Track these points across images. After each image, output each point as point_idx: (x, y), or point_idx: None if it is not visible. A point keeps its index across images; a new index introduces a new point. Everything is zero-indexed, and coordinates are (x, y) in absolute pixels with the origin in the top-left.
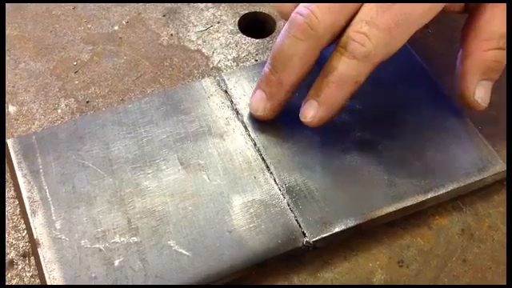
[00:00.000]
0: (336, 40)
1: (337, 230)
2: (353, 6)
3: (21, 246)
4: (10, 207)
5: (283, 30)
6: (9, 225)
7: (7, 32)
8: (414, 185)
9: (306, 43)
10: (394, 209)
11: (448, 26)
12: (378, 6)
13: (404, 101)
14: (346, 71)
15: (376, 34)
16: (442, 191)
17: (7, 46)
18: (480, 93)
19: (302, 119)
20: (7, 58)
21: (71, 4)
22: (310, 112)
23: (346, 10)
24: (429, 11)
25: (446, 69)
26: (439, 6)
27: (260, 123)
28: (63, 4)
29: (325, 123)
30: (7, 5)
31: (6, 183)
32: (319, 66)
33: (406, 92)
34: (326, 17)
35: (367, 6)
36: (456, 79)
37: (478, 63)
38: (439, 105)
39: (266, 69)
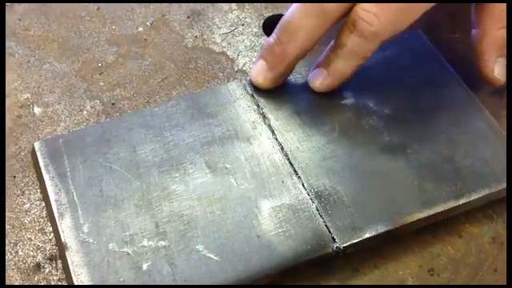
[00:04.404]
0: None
1: (367, 235)
2: None
3: (47, 248)
4: (37, 209)
5: (295, 4)
6: (35, 227)
7: (32, 32)
8: (445, 190)
9: (315, 20)
10: (425, 215)
11: None
12: None
13: (432, 105)
14: (355, 48)
15: (384, 14)
16: (474, 197)
17: (32, 47)
18: (498, 69)
19: (310, 84)
20: (32, 58)
21: (95, 4)
22: (319, 79)
23: None
24: None
25: (473, 73)
26: None
27: (287, 127)
28: (87, 4)
29: (331, 90)
30: (31, 4)
31: (32, 185)
32: None
33: (435, 96)
34: None
35: None
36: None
37: (494, 42)
38: (467, 109)
39: (271, 39)
